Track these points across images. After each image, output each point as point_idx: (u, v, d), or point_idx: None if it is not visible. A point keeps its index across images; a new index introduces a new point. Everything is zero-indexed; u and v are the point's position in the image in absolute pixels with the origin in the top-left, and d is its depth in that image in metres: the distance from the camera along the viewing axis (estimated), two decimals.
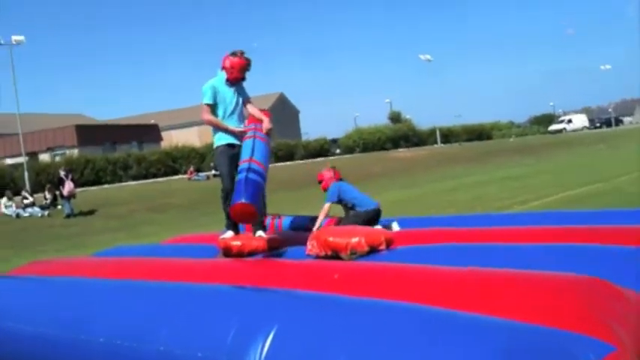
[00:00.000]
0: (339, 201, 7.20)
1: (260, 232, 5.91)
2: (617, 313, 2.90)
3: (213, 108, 5.97)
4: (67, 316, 3.90)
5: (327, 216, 7.05)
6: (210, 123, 6.04)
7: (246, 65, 5.99)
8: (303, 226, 6.99)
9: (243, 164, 5.58)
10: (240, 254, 5.49)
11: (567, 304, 2.92)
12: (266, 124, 5.94)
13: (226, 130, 5.94)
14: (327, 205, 7.10)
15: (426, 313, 2.87)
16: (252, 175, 5.44)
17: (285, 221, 7.23)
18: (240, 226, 6.06)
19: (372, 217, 6.92)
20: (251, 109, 6.14)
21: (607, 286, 3.12)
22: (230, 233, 5.81)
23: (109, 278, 4.64)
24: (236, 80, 5.99)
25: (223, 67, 5.95)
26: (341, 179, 7.42)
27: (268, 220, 6.93)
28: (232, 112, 6.00)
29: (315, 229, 6.56)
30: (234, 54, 5.95)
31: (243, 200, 5.22)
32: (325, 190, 7.31)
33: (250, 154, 5.60)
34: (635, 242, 4.02)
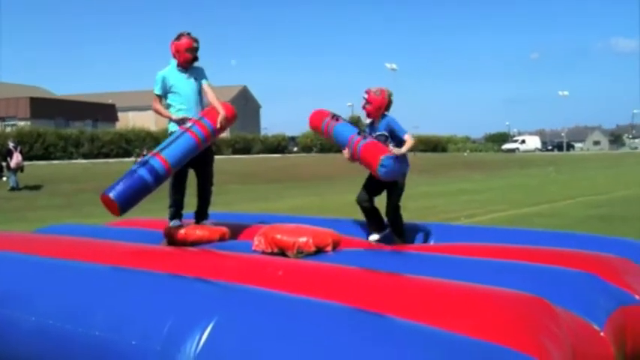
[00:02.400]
0: (390, 136, 5.83)
1: (206, 222, 5.87)
2: (550, 330, 2.98)
3: (164, 98, 5.84)
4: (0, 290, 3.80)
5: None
6: (156, 112, 5.96)
7: (192, 45, 5.76)
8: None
9: (147, 155, 5.46)
10: (183, 243, 5.44)
11: (501, 318, 2.98)
12: (220, 117, 5.70)
13: (170, 119, 5.83)
14: (410, 137, 5.77)
15: (359, 316, 2.89)
16: (142, 172, 5.23)
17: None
18: (187, 214, 6.00)
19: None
20: (211, 97, 5.94)
21: (541, 304, 3.20)
22: (177, 222, 5.75)
23: (48, 256, 4.53)
24: (186, 62, 5.79)
25: (172, 55, 5.81)
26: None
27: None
28: (190, 99, 5.83)
29: (394, 150, 5.56)
30: (178, 37, 5.77)
31: (111, 195, 5.14)
32: (375, 115, 5.90)
33: (160, 148, 5.44)
34: (574, 265, 4.13)
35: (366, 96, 5.83)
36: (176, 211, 5.81)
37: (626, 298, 3.79)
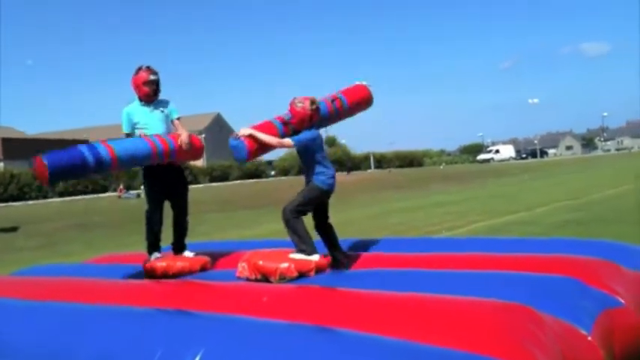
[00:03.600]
0: (305, 153, 5.33)
1: (186, 253, 5.80)
2: (537, 337, 2.98)
3: (133, 134, 5.73)
4: None
5: (280, 147, 5.42)
6: None
7: (149, 78, 5.69)
8: None
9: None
10: (165, 275, 5.37)
11: (489, 329, 2.98)
12: (182, 137, 5.61)
13: None
14: (287, 141, 5.29)
15: (346, 337, 2.88)
16: (83, 148, 5.08)
17: None
18: (164, 247, 5.93)
19: (327, 199, 5.49)
20: (177, 127, 5.87)
21: (528, 312, 3.21)
22: (156, 255, 5.67)
23: (28, 299, 4.44)
24: (147, 96, 5.73)
25: (134, 90, 5.76)
26: (315, 124, 5.33)
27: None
28: (160, 131, 5.73)
29: (245, 131, 5.24)
30: (136, 71, 5.73)
31: (44, 159, 4.89)
32: (300, 127, 5.28)
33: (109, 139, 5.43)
34: (557, 271, 4.16)
35: (289, 108, 5.31)
36: (154, 244, 5.74)
37: (610, 301, 3.81)
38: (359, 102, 6.33)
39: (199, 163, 50.25)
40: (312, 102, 5.29)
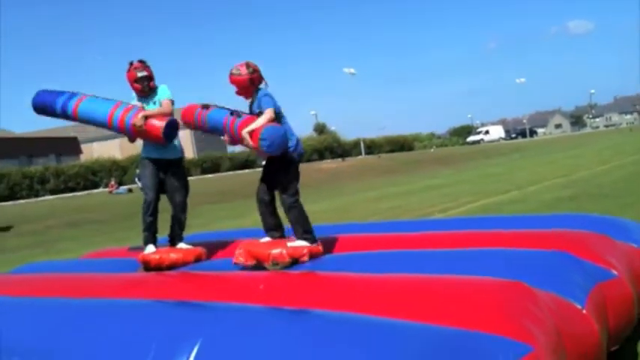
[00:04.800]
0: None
1: (181, 245, 5.80)
2: (533, 313, 3.00)
3: None
4: None
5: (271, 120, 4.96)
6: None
7: (136, 76, 5.65)
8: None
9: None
10: (159, 267, 5.37)
11: (484, 307, 3.00)
12: (137, 119, 5.46)
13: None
14: (270, 110, 4.99)
15: (346, 320, 2.88)
16: (59, 98, 5.82)
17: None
18: (161, 238, 5.92)
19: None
20: (163, 106, 5.73)
21: (522, 288, 3.23)
22: (152, 247, 5.67)
23: (23, 296, 4.43)
24: (140, 92, 5.73)
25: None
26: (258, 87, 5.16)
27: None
28: None
29: (247, 130, 4.95)
30: (127, 68, 5.70)
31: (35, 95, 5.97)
32: (245, 94, 5.17)
33: (86, 99, 5.79)
34: (547, 246, 4.18)
35: (229, 80, 5.11)
36: (150, 236, 5.74)
37: (602, 273, 3.83)
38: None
39: (190, 154, 50.08)
40: (248, 65, 5.06)
